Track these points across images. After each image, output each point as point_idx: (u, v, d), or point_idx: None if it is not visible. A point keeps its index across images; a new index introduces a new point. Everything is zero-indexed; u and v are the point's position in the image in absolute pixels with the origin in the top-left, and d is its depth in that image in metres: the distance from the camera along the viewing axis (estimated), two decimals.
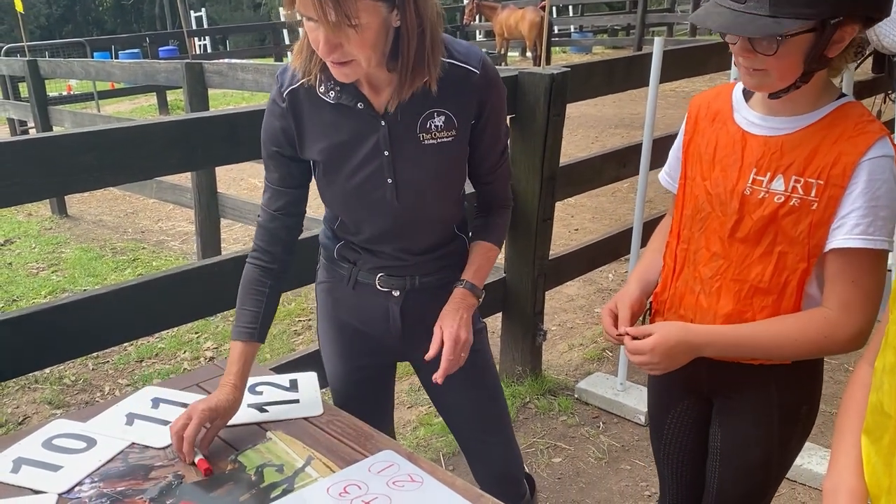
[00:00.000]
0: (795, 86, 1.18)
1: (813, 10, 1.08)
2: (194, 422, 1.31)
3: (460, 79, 1.34)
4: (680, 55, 3.40)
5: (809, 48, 1.12)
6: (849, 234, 1.17)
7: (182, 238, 5.59)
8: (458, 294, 1.47)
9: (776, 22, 1.09)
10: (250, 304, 1.46)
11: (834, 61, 1.19)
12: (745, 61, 1.18)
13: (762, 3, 1.09)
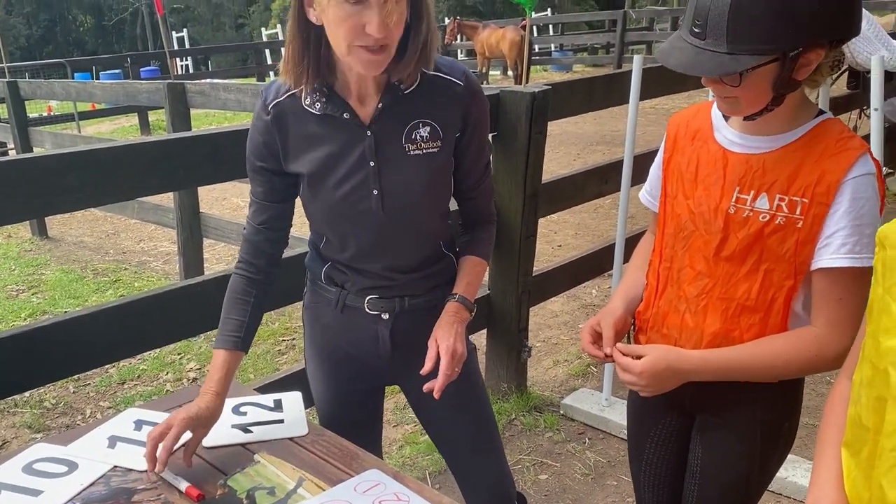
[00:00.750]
0: (768, 109, 1.19)
1: (770, 46, 1.09)
2: (174, 431, 1.28)
3: (445, 90, 1.36)
4: (659, 73, 3.44)
5: (775, 76, 1.13)
6: (835, 254, 1.18)
7: (164, 258, 5.55)
8: (452, 308, 1.46)
9: (734, 59, 1.09)
10: (235, 314, 1.46)
11: (810, 79, 1.19)
12: (714, 90, 1.20)
13: (720, 41, 1.10)
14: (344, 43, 1.20)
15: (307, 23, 1.26)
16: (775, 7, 1.06)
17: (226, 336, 1.44)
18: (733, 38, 1.09)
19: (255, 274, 1.48)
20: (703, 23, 1.11)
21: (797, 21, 1.07)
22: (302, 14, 1.26)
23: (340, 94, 1.34)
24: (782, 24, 1.07)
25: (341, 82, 1.34)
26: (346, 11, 1.17)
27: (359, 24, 1.17)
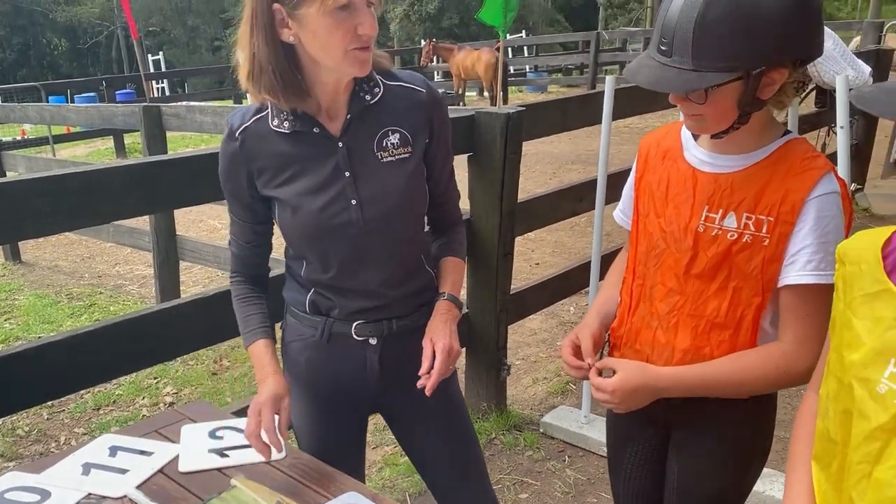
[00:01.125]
0: (734, 127, 1.22)
1: (734, 64, 1.11)
2: (267, 414, 1.34)
3: (409, 98, 1.42)
4: (631, 93, 3.49)
5: (740, 95, 1.16)
6: (801, 271, 1.20)
7: (140, 282, 5.50)
8: (443, 306, 1.48)
9: (699, 77, 1.12)
10: (254, 309, 1.51)
11: (776, 100, 1.23)
12: (682, 107, 1.23)
13: (686, 59, 1.12)
14: (339, 49, 1.26)
15: (284, 44, 1.29)
16: (739, 26, 1.09)
17: (256, 329, 1.48)
18: (698, 55, 1.11)
19: (253, 279, 1.55)
20: (669, 41, 1.14)
21: (760, 40, 1.09)
22: (276, 36, 1.28)
23: (308, 112, 1.37)
24: (746, 43, 1.09)
25: (311, 101, 1.37)
26: (338, 18, 1.23)
27: (351, 28, 1.24)
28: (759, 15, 1.08)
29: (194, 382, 3.77)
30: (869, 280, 0.95)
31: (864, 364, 0.92)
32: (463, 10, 32.30)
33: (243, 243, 1.51)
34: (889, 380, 0.88)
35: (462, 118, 2.68)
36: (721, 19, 1.09)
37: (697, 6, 1.10)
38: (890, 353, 0.89)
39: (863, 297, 0.95)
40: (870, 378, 0.91)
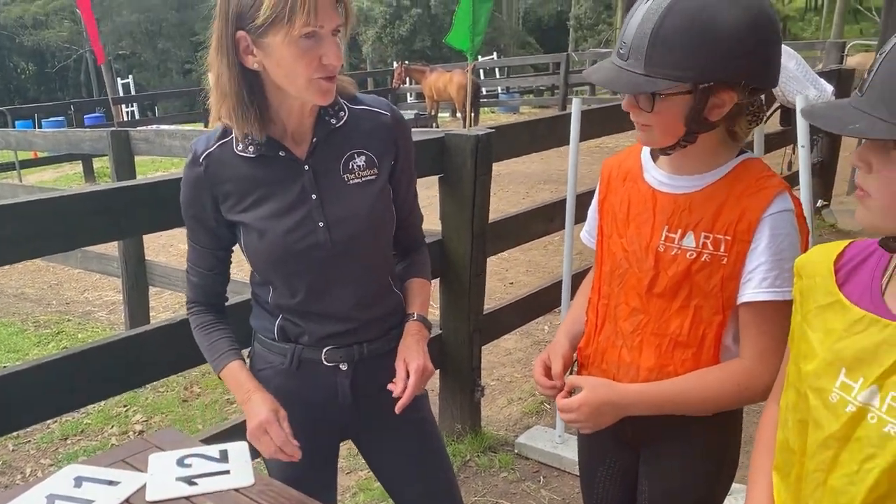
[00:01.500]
0: (681, 144, 1.24)
1: (682, 74, 1.14)
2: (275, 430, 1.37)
3: (373, 121, 1.44)
4: (599, 114, 3.56)
5: (687, 110, 1.18)
6: (757, 288, 1.22)
7: (109, 308, 5.42)
8: (414, 327, 1.49)
9: (649, 81, 1.16)
10: (219, 335, 1.49)
11: (730, 128, 1.26)
12: (633, 115, 1.26)
13: (639, 63, 1.16)
14: (303, 77, 1.26)
15: (246, 70, 1.29)
16: (692, 39, 1.12)
17: (225, 352, 1.47)
18: (650, 61, 1.15)
19: (214, 308, 1.53)
20: (627, 46, 1.18)
21: (710, 56, 1.13)
22: (239, 63, 1.28)
23: (273, 137, 1.37)
24: (696, 56, 1.13)
25: (277, 126, 1.38)
26: (303, 47, 1.23)
27: (315, 57, 1.25)
28: (713, 31, 1.11)
29: (164, 410, 3.71)
30: (822, 292, 0.98)
31: (817, 374, 0.95)
32: (435, 32, 32.57)
33: (205, 271, 1.49)
34: (840, 389, 0.91)
35: (432, 140, 2.70)
36: (676, 30, 1.12)
37: (657, 15, 1.13)
38: (840, 363, 0.92)
39: (816, 308, 0.98)
40: (823, 388, 0.94)
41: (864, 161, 0.88)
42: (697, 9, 1.12)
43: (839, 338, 0.93)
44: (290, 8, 1.19)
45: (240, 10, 1.24)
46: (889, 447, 0.85)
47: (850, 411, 0.90)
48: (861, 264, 0.98)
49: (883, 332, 0.89)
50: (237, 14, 1.25)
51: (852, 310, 0.93)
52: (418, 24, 33.21)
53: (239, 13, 1.24)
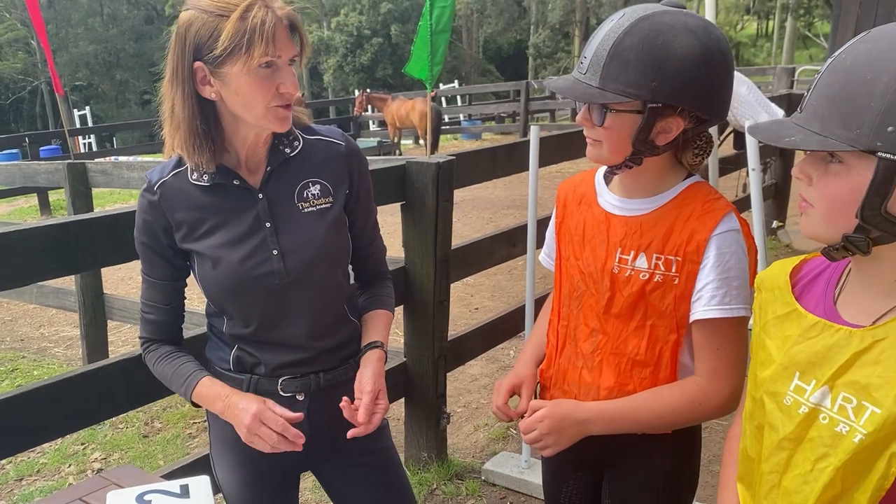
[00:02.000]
0: (627, 164, 1.28)
1: (633, 91, 1.19)
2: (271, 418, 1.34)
3: (328, 150, 1.45)
4: (558, 140, 3.61)
5: (635, 129, 1.22)
6: (707, 306, 1.26)
7: (66, 344, 5.29)
8: (373, 355, 1.48)
9: (602, 93, 1.20)
10: (183, 360, 1.47)
11: (676, 157, 1.31)
12: (585, 130, 1.30)
13: (596, 76, 1.21)
14: (261, 105, 1.28)
15: (202, 100, 1.30)
16: (646, 59, 1.17)
17: (193, 373, 1.44)
18: (606, 75, 1.20)
19: (171, 342, 1.50)
20: (588, 60, 1.23)
21: (661, 77, 1.17)
22: (195, 93, 1.29)
23: (228, 166, 1.38)
24: (648, 75, 1.17)
25: (231, 155, 1.39)
26: (261, 76, 1.26)
27: (272, 86, 1.27)
28: (667, 55, 1.17)
29: (124, 446, 3.63)
30: (780, 303, 1.03)
31: (773, 379, 0.99)
32: (396, 61, 32.84)
33: (163, 306, 1.47)
34: (794, 392, 0.96)
35: (394, 167, 2.72)
36: (632, 49, 1.18)
37: (618, 34, 1.19)
38: (795, 367, 0.96)
39: (775, 319, 1.03)
40: (778, 391, 0.98)
41: (805, 174, 0.93)
42: (655, 33, 1.17)
43: (794, 343, 0.98)
44: (249, 39, 1.22)
45: (198, 42, 1.26)
46: (841, 446, 0.89)
47: (803, 412, 0.94)
48: (816, 278, 1.04)
49: (834, 336, 0.93)
50: (195, 45, 1.26)
51: (807, 317, 0.98)
52: (379, 52, 33.48)
53: (197, 44, 1.26)
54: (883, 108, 0.82)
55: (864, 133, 0.83)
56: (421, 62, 7.42)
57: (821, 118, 0.88)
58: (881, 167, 0.83)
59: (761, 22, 41.88)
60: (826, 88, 0.89)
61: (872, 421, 0.86)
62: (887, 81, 0.82)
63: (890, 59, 0.83)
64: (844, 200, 0.88)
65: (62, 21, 38.05)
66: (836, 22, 6.58)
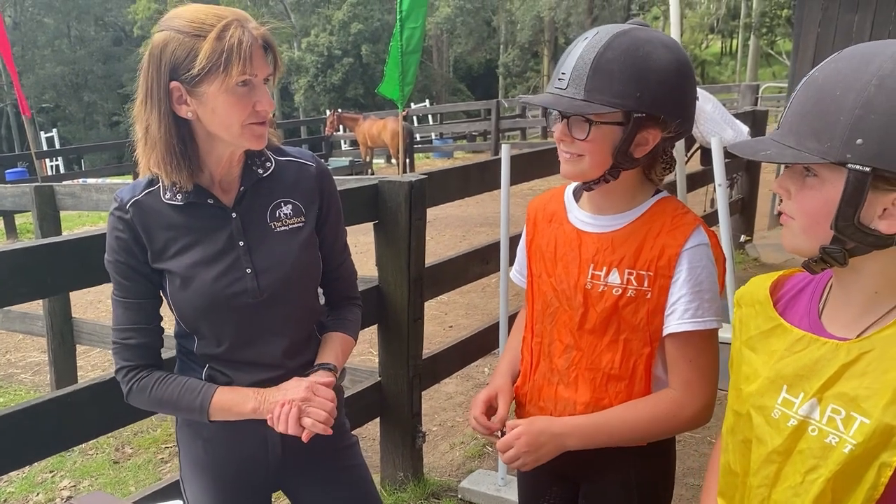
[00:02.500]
0: (605, 178, 1.31)
1: (618, 101, 1.22)
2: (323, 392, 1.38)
3: (299, 171, 1.48)
4: (529, 158, 3.65)
5: (617, 141, 1.26)
6: (680, 319, 1.29)
7: (34, 370, 5.19)
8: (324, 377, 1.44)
9: (587, 104, 1.23)
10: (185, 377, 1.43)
11: (648, 173, 1.34)
12: (564, 146, 1.32)
13: (579, 90, 1.24)
14: (237, 123, 1.30)
15: (178, 119, 1.31)
16: (629, 71, 1.21)
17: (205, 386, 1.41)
18: (590, 87, 1.23)
19: (158, 367, 1.45)
20: (567, 76, 1.26)
21: (645, 88, 1.21)
22: (172, 112, 1.30)
23: (201, 185, 1.39)
24: (633, 86, 1.21)
25: (205, 174, 1.39)
26: (238, 95, 1.28)
27: (249, 104, 1.29)
28: (647, 66, 1.21)
29: (94, 473, 3.56)
30: (762, 318, 1.06)
31: (760, 393, 1.01)
32: (367, 80, 32.95)
33: (145, 326, 1.43)
34: (782, 405, 0.98)
35: (366, 187, 2.72)
36: (614, 61, 1.22)
37: (597, 49, 1.22)
38: (782, 381, 0.98)
39: (759, 334, 1.05)
40: (765, 405, 1.00)
41: (784, 188, 0.97)
42: (634, 46, 1.22)
43: (780, 357, 1.00)
44: (227, 58, 1.24)
45: (174, 62, 1.27)
46: (831, 457, 0.90)
47: (792, 425, 0.96)
48: (800, 293, 1.07)
49: (821, 349, 0.95)
50: (171, 65, 1.27)
51: (793, 331, 1.01)
52: (350, 72, 33.55)
53: (174, 64, 1.27)
54: (851, 122, 0.85)
55: (835, 146, 0.87)
56: (392, 83, 7.46)
57: (795, 133, 0.92)
58: (851, 178, 0.87)
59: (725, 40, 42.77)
60: (800, 105, 0.93)
61: (862, 431, 0.88)
62: (855, 98, 0.86)
63: (857, 76, 0.87)
64: (820, 212, 0.92)
65: (28, 43, 37.63)
66: (797, 40, 6.76)
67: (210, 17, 1.26)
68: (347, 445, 1.59)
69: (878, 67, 0.86)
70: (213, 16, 1.26)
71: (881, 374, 0.88)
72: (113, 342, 1.44)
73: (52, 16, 39.91)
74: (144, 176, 1.40)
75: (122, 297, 1.42)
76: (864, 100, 0.85)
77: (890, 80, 0.84)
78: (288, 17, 36.75)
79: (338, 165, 13.95)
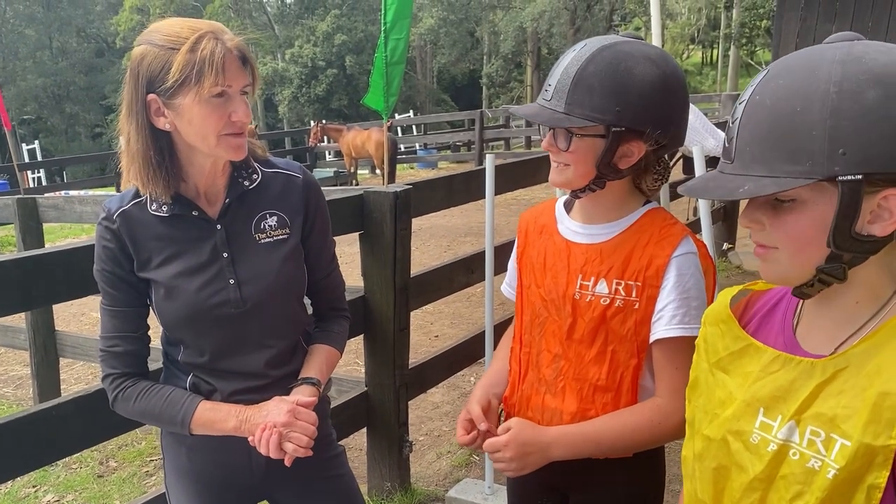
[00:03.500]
0: (590, 188, 1.33)
1: (598, 115, 1.24)
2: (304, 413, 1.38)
3: (286, 183, 1.49)
4: (513, 168, 3.67)
5: (600, 153, 1.27)
6: (668, 325, 1.30)
7: (16, 383, 5.14)
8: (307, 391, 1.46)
9: (567, 118, 1.25)
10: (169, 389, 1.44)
11: (638, 183, 1.35)
12: (552, 156, 1.34)
13: (561, 103, 1.26)
14: (213, 134, 1.31)
15: (156, 131, 1.33)
16: (609, 85, 1.23)
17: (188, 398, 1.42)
18: (571, 101, 1.24)
19: (144, 376, 1.46)
20: (552, 87, 1.28)
21: (624, 102, 1.23)
22: (149, 124, 1.32)
23: (187, 196, 1.40)
24: (611, 100, 1.23)
25: (190, 185, 1.41)
26: (213, 105, 1.29)
27: (225, 115, 1.30)
28: (628, 81, 1.23)
29: (78, 487, 3.52)
30: (730, 338, 1.01)
31: (736, 417, 0.96)
32: (351, 91, 33.00)
33: (131, 334, 1.44)
34: (760, 429, 0.93)
35: (351, 198, 2.73)
36: (595, 75, 1.23)
37: (581, 62, 1.24)
38: (758, 403, 0.94)
39: (729, 355, 1.00)
40: (742, 430, 0.95)
41: (755, 221, 0.91)
42: (617, 60, 1.23)
43: (756, 379, 0.95)
44: (199, 70, 1.26)
45: (150, 75, 1.29)
46: (816, 482, 0.86)
47: (772, 450, 0.90)
48: (773, 309, 1.03)
49: (796, 369, 0.91)
50: (148, 78, 1.29)
51: (767, 351, 0.96)
52: (334, 83, 33.58)
53: (150, 77, 1.29)
54: (826, 134, 0.81)
55: (818, 162, 0.81)
56: (377, 94, 7.49)
57: (762, 161, 0.86)
58: (846, 190, 0.82)
59: (706, 51, 43.24)
60: (754, 132, 0.87)
61: (843, 454, 0.83)
62: (820, 108, 0.81)
63: (812, 88, 0.82)
64: (809, 234, 0.87)
65: (9, 54, 37.40)
66: (776, 51, 6.87)
67: (185, 30, 1.28)
68: (334, 455, 1.59)
69: (829, 74, 0.82)
70: (188, 28, 1.28)
71: (858, 391, 0.84)
72: (100, 350, 1.46)
73: (34, 27, 39.69)
74: (131, 187, 1.41)
75: (109, 305, 1.44)
76: (830, 109, 0.81)
77: (847, 83, 0.81)
78: (272, 29, 36.77)
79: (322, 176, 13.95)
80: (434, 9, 34.64)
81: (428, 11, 34.37)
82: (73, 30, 41.28)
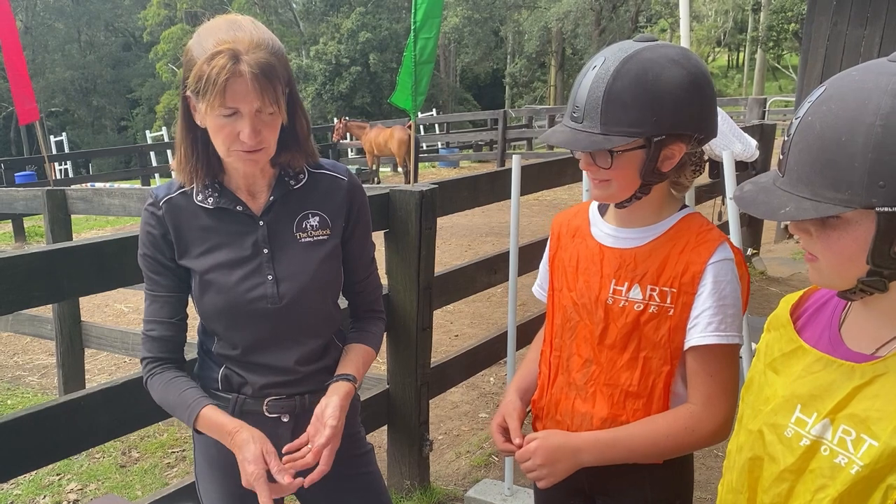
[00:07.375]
0: (636, 196, 1.31)
1: (636, 130, 1.22)
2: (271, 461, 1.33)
3: (330, 185, 1.49)
4: (538, 169, 3.66)
5: (642, 162, 1.26)
6: (703, 332, 1.28)
7: (41, 372, 5.21)
8: (344, 388, 1.47)
9: (606, 139, 1.23)
10: (186, 385, 1.45)
11: (677, 179, 1.34)
12: (590, 173, 1.32)
13: (595, 123, 1.24)
14: (223, 147, 1.33)
15: (194, 124, 1.36)
16: (641, 97, 1.21)
17: (197, 399, 1.42)
18: (606, 120, 1.22)
19: (176, 364, 1.49)
20: (581, 109, 1.25)
21: (659, 111, 1.21)
22: (189, 116, 1.35)
23: (231, 189, 1.43)
24: (647, 112, 1.21)
25: (233, 178, 1.43)
26: (222, 122, 1.29)
27: (233, 132, 1.30)
28: (659, 89, 1.21)
29: (101, 476, 3.57)
30: (786, 341, 1.06)
31: (774, 411, 1.01)
32: (374, 89, 33.07)
33: (169, 320, 1.47)
34: (795, 424, 0.98)
35: (377, 196, 2.74)
36: (626, 90, 1.21)
37: (607, 79, 1.22)
38: (796, 400, 0.99)
39: (782, 356, 1.06)
40: (778, 423, 1.00)
41: (802, 229, 0.95)
42: (643, 70, 1.21)
43: (797, 377, 1.00)
44: (204, 88, 1.26)
45: (186, 74, 1.32)
46: (839, 477, 0.91)
47: (805, 445, 0.96)
48: (823, 306, 1.07)
49: (837, 371, 0.96)
50: (185, 76, 1.32)
51: (811, 352, 1.01)
52: (358, 81, 33.65)
53: (186, 76, 1.32)
54: (867, 166, 0.83)
55: (857, 192, 0.85)
56: (405, 92, 7.51)
57: (807, 183, 0.89)
58: (882, 220, 0.85)
59: (732, 54, 42.85)
60: (804, 153, 0.90)
61: (869, 454, 0.88)
62: (864, 141, 0.83)
63: (859, 119, 0.84)
64: (850, 251, 0.90)
65: (39, 47, 37.87)
66: (804, 55, 6.78)
67: (213, 39, 1.27)
68: (363, 453, 1.60)
69: (878, 106, 0.84)
70: (217, 40, 1.26)
71: (893, 397, 0.89)
72: (142, 332, 1.50)
73: (63, 21, 40.23)
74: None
75: (151, 290, 1.47)
76: (873, 143, 0.83)
77: (893, 117, 0.83)
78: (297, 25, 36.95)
79: None
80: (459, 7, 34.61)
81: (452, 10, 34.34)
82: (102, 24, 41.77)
